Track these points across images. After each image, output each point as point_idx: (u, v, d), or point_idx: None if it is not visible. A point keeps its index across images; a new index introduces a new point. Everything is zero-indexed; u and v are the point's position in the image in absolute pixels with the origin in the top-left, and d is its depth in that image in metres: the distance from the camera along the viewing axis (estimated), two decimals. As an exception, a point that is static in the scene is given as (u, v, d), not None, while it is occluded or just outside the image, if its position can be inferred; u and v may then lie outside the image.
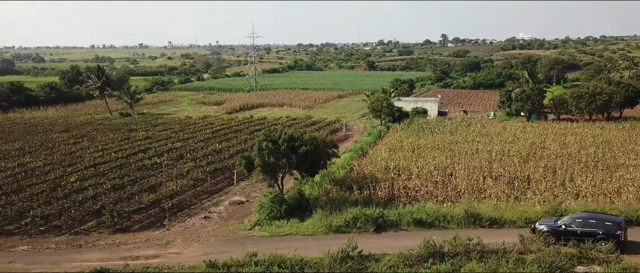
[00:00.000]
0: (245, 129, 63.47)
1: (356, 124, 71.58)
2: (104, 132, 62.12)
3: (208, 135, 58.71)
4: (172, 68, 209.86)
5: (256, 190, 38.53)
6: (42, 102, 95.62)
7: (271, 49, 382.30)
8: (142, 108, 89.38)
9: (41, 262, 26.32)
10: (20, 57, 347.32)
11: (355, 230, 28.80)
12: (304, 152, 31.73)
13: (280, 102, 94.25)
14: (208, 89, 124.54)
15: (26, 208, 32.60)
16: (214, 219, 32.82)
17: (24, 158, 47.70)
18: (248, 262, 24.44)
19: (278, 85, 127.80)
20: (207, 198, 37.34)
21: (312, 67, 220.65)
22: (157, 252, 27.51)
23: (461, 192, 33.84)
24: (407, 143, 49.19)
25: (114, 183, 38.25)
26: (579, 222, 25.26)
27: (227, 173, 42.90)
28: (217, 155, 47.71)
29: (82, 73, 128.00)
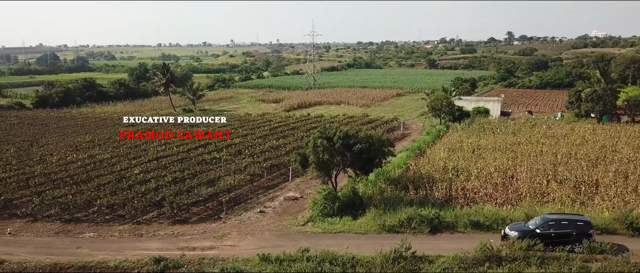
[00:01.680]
0: (302, 126, 63.92)
1: (414, 122, 70.37)
2: (168, 127, 64.46)
3: (266, 132, 59.61)
4: (233, 66, 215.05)
5: (310, 187, 38.67)
6: (112, 98, 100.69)
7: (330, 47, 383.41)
8: (204, 104, 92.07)
9: (105, 249, 27.64)
10: (94, 55, 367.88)
11: (409, 230, 28.28)
12: (358, 149, 31.48)
13: (338, 100, 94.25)
14: (267, 86, 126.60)
15: (94, 198, 34.38)
16: (268, 214, 33.24)
17: (94, 150, 50.35)
18: (300, 258, 24.55)
19: (336, 83, 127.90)
20: (263, 193, 37.89)
21: (371, 65, 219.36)
22: (213, 243, 28.19)
23: (522, 195, 32.44)
24: (467, 144, 47.77)
25: (174, 176, 39.57)
26: (552, 225, 24.91)
27: (283, 170, 43.34)
28: (274, 151, 48.34)
29: (149, 70, 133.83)
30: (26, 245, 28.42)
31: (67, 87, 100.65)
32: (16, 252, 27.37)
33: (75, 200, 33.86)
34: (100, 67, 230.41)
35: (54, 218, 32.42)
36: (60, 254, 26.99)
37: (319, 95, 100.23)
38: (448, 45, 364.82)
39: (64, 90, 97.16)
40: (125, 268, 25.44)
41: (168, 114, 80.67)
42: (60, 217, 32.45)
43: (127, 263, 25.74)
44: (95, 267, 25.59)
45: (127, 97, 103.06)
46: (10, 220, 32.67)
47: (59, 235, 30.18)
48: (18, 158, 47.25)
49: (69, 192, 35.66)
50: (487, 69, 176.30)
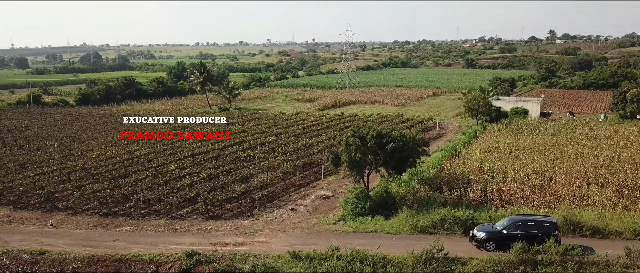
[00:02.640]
0: (336, 125, 63.85)
1: (450, 122, 69.25)
2: (203, 125, 65.53)
3: (299, 131, 59.83)
4: (269, 65, 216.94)
5: (342, 186, 38.56)
6: (150, 96, 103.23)
7: (366, 46, 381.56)
8: (239, 103, 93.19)
9: (141, 243, 28.30)
10: (134, 54, 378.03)
11: (442, 231, 27.83)
12: (392, 149, 31.16)
13: (372, 99, 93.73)
14: (302, 85, 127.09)
15: (131, 193, 35.26)
16: (300, 212, 33.31)
17: (132, 146, 51.68)
18: (330, 256, 24.51)
19: (371, 83, 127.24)
20: (295, 191, 38.03)
21: (407, 64, 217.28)
22: (245, 239, 28.47)
23: (561, 198, 31.42)
24: (503, 145, 46.65)
25: (209, 173, 40.16)
26: (519, 225, 25.19)
27: (316, 168, 43.39)
28: (307, 150, 48.47)
29: (186, 69, 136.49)
30: (66, 237, 29.39)
31: (108, 85, 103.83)
32: (57, 243, 28.35)
33: (113, 195, 34.82)
34: (140, 65, 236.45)
35: (92, 212, 33.42)
36: (98, 246, 27.80)
37: (353, 94, 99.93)
38: (487, 44, 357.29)
39: (105, 88, 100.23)
40: (159, 261, 25.97)
41: (204, 112, 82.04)
42: (98, 211, 33.42)
43: (161, 257, 26.27)
44: (131, 259, 26.22)
45: (165, 95, 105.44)
46: (52, 212, 33.87)
47: (97, 228, 31.08)
48: (61, 153, 48.97)
49: (107, 187, 36.70)
50: (527, 69, 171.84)
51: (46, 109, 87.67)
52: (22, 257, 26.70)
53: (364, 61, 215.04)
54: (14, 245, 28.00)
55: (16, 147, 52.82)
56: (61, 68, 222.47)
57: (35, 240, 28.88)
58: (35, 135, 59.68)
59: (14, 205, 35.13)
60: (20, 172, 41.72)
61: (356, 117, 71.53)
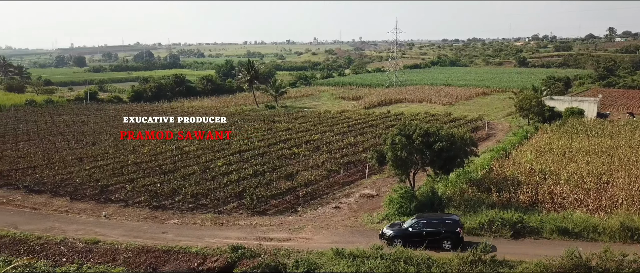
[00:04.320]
0: (381, 123, 63.32)
1: (500, 122, 67.31)
2: (250, 122, 66.57)
3: (344, 129, 59.72)
4: (315, 63, 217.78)
5: (387, 185, 38.18)
6: (199, 93, 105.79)
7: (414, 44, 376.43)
8: (286, 101, 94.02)
9: (188, 235, 29.02)
10: (185, 53, 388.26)
11: (489, 233, 27.09)
12: (439, 148, 30.58)
13: (420, 98, 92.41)
14: (348, 84, 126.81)
15: (180, 187, 36.19)
16: (344, 210, 33.23)
17: (181, 142, 53.06)
18: (374, 255, 24.32)
19: (418, 81, 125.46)
20: (339, 189, 37.96)
21: (456, 63, 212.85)
22: (288, 235, 28.68)
23: (618, 203, 29.90)
24: (557, 146, 44.88)
25: (255, 169, 40.70)
26: (424, 223, 26.31)
27: (360, 167, 43.17)
28: (352, 148, 48.30)
29: (234, 67, 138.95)
30: (118, 228, 30.53)
31: (159, 82, 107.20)
32: (110, 233, 29.49)
33: (162, 189, 35.84)
34: (190, 64, 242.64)
35: (143, 205, 34.53)
36: (147, 238, 28.70)
37: (400, 93, 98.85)
38: (540, 42, 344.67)
39: (157, 86, 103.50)
40: (205, 254, 26.54)
41: (251, 109, 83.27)
42: (149, 204, 34.50)
43: (207, 250, 26.84)
44: (179, 251, 26.92)
45: (214, 92, 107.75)
46: (105, 204, 35.26)
47: (147, 220, 32.11)
48: (114, 147, 50.92)
49: (157, 181, 37.81)
50: (584, 68, 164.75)
51: (101, 105, 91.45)
52: (77, 246, 27.93)
53: (411, 60, 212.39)
54: (71, 234, 29.33)
55: (74, 141, 55.34)
56: (116, 66, 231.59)
57: (90, 230, 30.15)
58: (91, 130, 62.34)
59: (71, 196, 36.81)
60: (77, 165, 43.63)
61: (402, 115, 70.70)
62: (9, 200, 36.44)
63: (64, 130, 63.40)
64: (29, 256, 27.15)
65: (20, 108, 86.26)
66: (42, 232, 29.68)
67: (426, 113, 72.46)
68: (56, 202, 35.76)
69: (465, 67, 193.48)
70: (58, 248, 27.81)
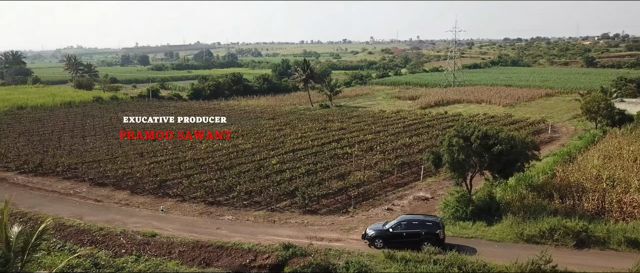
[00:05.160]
0: (438, 124, 61.88)
1: (565, 125, 64.12)
2: (304, 121, 66.88)
3: (399, 129, 58.81)
4: (371, 63, 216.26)
5: (442, 188, 37.16)
6: (256, 92, 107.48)
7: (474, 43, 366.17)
8: (340, 100, 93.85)
9: (241, 232, 29.41)
10: (242, 52, 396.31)
11: (550, 242, 25.75)
12: (498, 151, 29.41)
13: (478, 98, 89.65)
14: (404, 83, 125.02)
15: (234, 184, 36.74)
16: (396, 212, 32.58)
17: (237, 140, 54.03)
18: (427, 259, 23.70)
19: (477, 81, 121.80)
20: (392, 190, 37.34)
21: (518, 62, 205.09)
22: (339, 236, 28.47)
23: (697, 214, 27.60)
24: (627, 151, 42.06)
25: (308, 168, 40.76)
26: (404, 225, 26.41)
27: (414, 168, 42.31)
28: (406, 149, 47.43)
29: (290, 66, 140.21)
30: (175, 222, 31.39)
31: (217, 81, 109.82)
32: (166, 227, 30.36)
33: (218, 185, 36.52)
34: (248, 63, 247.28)
35: (199, 200, 35.35)
36: (202, 233, 29.33)
37: (458, 93, 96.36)
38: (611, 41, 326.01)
39: (215, 84, 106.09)
40: (257, 251, 26.78)
41: (305, 109, 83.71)
42: (204, 199, 35.27)
43: (259, 246, 27.07)
44: (232, 247, 27.32)
45: (270, 91, 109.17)
46: (163, 198, 36.37)
47: (203, 215, 32.83)
48: (173, 143, 52.54)
49: (213, 177, 38.60)
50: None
51: (162, 102, 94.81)
52: (136, 238, 28.93)
53: (470, 59, 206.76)
54: (130, 226, 30.44)
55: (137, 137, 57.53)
56: (177, 65, 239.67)
57: (148, 223, 31.18)
58: (152, 126, 64.64)
59: (131, 189, 38.25)
60: (138, 160, 45.30)
61: (460, 116, 68.80)
62: (76, 192, 38.35)
63: (127, 125, 66.13)
64: (91, 246, 28.40)
65: (88, 104, 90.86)
66: (104, 223, 30.99)
67: (485, 114, 70.15)
68: (118, 195, 37.27)
69: (528, 67, 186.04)
70: (118, 239, 28.91)
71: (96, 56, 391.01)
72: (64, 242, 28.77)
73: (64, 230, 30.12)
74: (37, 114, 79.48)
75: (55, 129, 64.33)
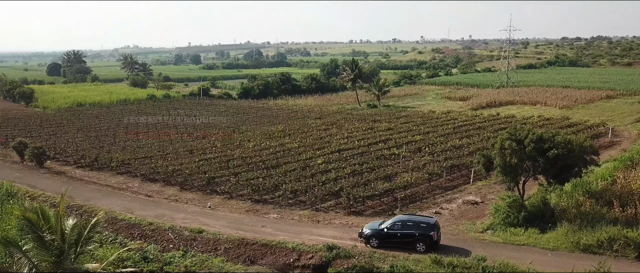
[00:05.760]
0: (490, 126, 59.96)
1: (627, 129, 60.66)
2: (351, 121, 66.45)
3: (449, 131, 57.40)
4: (421, 62, 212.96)
5: (493, 192, 35.87)
6: (304, 91, 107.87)
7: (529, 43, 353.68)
8: (388, 100, 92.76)
9: (286, 231, 29.42)
10: (291, 52, 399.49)
11: (609, 252, 24.29)
12: (553, 155, 28.05)
13: (533, 100, 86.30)
14: (455, 83, 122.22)
15: (280, 182, 36.87)
16: (444, 216, 31.73)
17: (284, 139, 54.30)
18: (475, 266, 22.86)
19: (532, 82, 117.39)
20: (440, 193, 36.39)
21: (576, 63, 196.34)
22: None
23: None
24: (696, 158, 39.36)
25: (353, 168, 40.37)
26: (399, 225, 26.47)
27: (464, 171, 41.10)
28: (456, 151, 46.16)
29: (338, 66, 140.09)
30: (221, 219, 31.79)
31: (266, 80, 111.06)
32: (213, 224, 30.80)
33: (264, 183, 36.71)
34: (296, 62, 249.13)
35: (245, 198, 35.70)
36: (247, 230, 29.55)
37: (511, 94, 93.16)
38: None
39: (264, 83, 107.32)
40: (301, 251, 26.71)
41: (353, 108, 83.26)
42: (251, 197, 35.58)
43: (303, 246, 26.99)
44: (276, 246, 27.37)
45: (318, 91, 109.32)
46: (211, 195, 36.96)
47: (249, 213, 33.10)
48: (222, 141, 53.40)
49: (260, 176, 38.86)
50: None
51: (213, 100, 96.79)
52: (183, 233, 29.49)
53: (525, 59, 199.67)
54: (178, 222, 31.07)
55: (186, 134, 58.97)
56: (227, 64, 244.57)
57: (196, 219, 31.72)
58: (203, 124, 66.06)
59: (180, 185, 39.11)
60: (188, 157, 46.30)
61: (513, 118, 66.43)
62: (128, 187, 39.60)
63: (179, 123, 67.89)
64: (141, 240, 29.19)
65: (142, 102, 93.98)
66: (154, 218, 31.76)
67: (540, 116, 67.37)
68: (167, 191, 38.18)
69: (587, 68, 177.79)
70: (166, 234, 29.55)
71: (151, 55, 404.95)
72: (115, 235, 29.68)
73: (115, 224, 31.10)
74: (94, 110, 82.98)
75: (110, 125, 66.88)
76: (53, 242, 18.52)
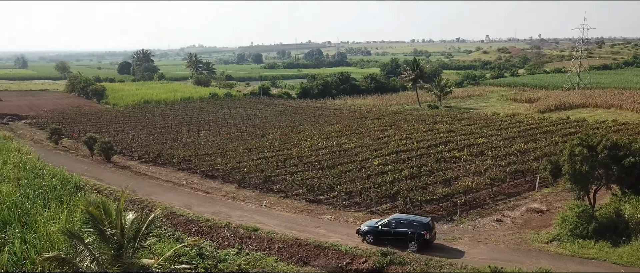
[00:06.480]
0: (558, 130, 56.79)
1: None
2: (410, 122, 65.06)
3: (513, 134, 54.88)
4: (485, 62, 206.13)
5: (560, 200, 33.78)
6: (363, 91, 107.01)
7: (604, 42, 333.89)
8: (450, 101, 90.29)
9: (339, 233, 29.09)
10: (352, 51, 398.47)
11: (694, 272, 22.09)
12: (630, 163, 26.00)
13: (607, 103, 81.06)
14: (521, 84, 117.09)
15: (335, 183, 36.49)
16: (506, 224, 30.23)
17: (341, 139, 53.93)
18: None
19: (607, 84, 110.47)
20: (502, 200, 34.72)
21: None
22: (441, 245, 27.01)
23: None
24: None
25: (411, 171, 39.32)
26: (394, 223, 27.06)
27: (529, 177, 39.05)
28: (521, 156, 43.96)
29: (399, 65, 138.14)
30: (276, 218, 31.88)
31: (325, 80, 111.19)
32: (268, 222, 30.91)
33: (319, 184, 36.49)
34: (356, 62, 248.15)
35: (300, 197, 35.64)
36: (301, 231, 29.43)
37: (583, 97, 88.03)
38: None
39: (323, 83, 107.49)
40: (354, 254, 26.27)
41: (413, 109, 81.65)
42: (305, 197, 35.50)
43: (357, 250, 26.53)
44: (329, 248, 27.08)
45: (377, 90, 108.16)
46: (267, 194, 37.21)
47: (303, 213, 33.00)
48: (280, 141, 53.78)
49: (315, 176, 38.66)
50: None
51: (272, 100, 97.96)
52: (239, 231, 29.77)
53: (599, 59, 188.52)
54: (234, 220, 31.43)
55: (245, 133, 59.92)
56: (288, 63, 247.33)
57: (251, 217, 31.99)
58: (262, 123, 66.95)
59: (238, 183, 39.65)
60: (247, 155, 46.92)
61: (585, 122, 62.61)
62: (188, 183, 40.62)
63: (239, 122, 69.14)
64: (197, 236, 29.74)
65: (205, 100, 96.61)
66: (211, 215, 32.31)
67: (615, 121, 63.12)
68: (225, 188, 38.81)
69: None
70: (222, 231, 29.94)
71: (215, 54, 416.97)
72: (174, 230, 30.40)
73: (174, 219, 31.89)
74: (159, 108, 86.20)
75: (174, 123, 69.12)
76: (113, 236, 19.06)
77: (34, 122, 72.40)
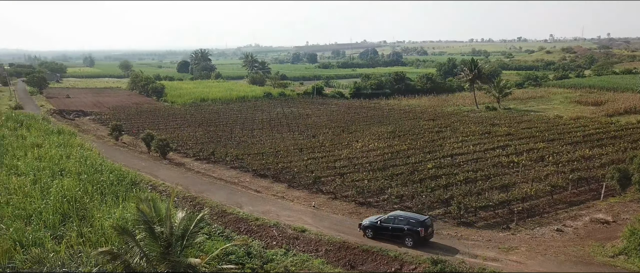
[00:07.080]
0: (628, 136, 53.25)
1: None
2: (467, 124, 63.00)
3: (577, 139, 51.93)
4: (548, 63, 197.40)
5: (628, 211, 31.44)
6: (418, 91, 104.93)
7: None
8: (509, 103, 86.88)
9: (388, 238, 28.25)
10: (408, 51, 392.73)
11: None
12: None
13: (683, 106, 75.49)
14: (587, 86, 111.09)
15: (386, 186, 35.79)
16: (567, 234, 28.45)
17: (393, 141, 52.92)
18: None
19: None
20: (563, 209, 32.76)
21: None
22: (496, 255, 25.73)
23: None
24: None
25: (466, 175, 37.95)
26: (392, 219, 27.88)
27: (594, 185, 36.69)
28: (585, 162, 41.47)
29: (456, 65, 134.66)
30: (324, 220, 31.54)
31: (379, 79, 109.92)
32: (316, 224, 30.63)
33: (369, 186, 35.85)
34: (412, 61, 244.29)
35: (349, 199, 35.11)
36: (349, 234, 28.96)
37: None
38: None
39: (377, 83, 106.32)
40: (403, 260, 25.57)
41: (469, 110, 79.20)
42: (355, 199, 34.92)
43: (406, 256, 25.83)
44: (377, 253, 26.62)
45: (433, 91, 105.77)
46: (316, 194, 36.94)
47: (352, 215, 32.47)
48: (331, 141, 53.45)
49: (365, 178, 38.03)
50: None
51: (325, 99, 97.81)
52: (287, 231, 29.66)
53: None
54: (283, 219, 31.37)
55: (297, 133, 60.04)
56: (342, 63, 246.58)
57: (299, 218, 31.81)
58: (314, 123, 66.88)
59: (288, 183, 39.63)
60: (298, 155, 46.90)
61: (657, 127, 58.46)
62: (240, 181, 41.01)
63: (291, 121, 69.40)
64: (246, 235, 29.87)
65: (259, 99, 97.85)
66: (260, 214, 32.41)
67: (692, 126, 58.57)
68: (276, 188, 38.88)
69: None
70: (271, 231, 29.93)
71: (270, 54, 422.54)
72: (223, 228, 30.66)
73: (225, 217, 32.20)
74: (215, 106, 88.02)
75: (228, 121, 70.30)
76: (162, 234, 19.30)
77: (97, 118, 75.74)
